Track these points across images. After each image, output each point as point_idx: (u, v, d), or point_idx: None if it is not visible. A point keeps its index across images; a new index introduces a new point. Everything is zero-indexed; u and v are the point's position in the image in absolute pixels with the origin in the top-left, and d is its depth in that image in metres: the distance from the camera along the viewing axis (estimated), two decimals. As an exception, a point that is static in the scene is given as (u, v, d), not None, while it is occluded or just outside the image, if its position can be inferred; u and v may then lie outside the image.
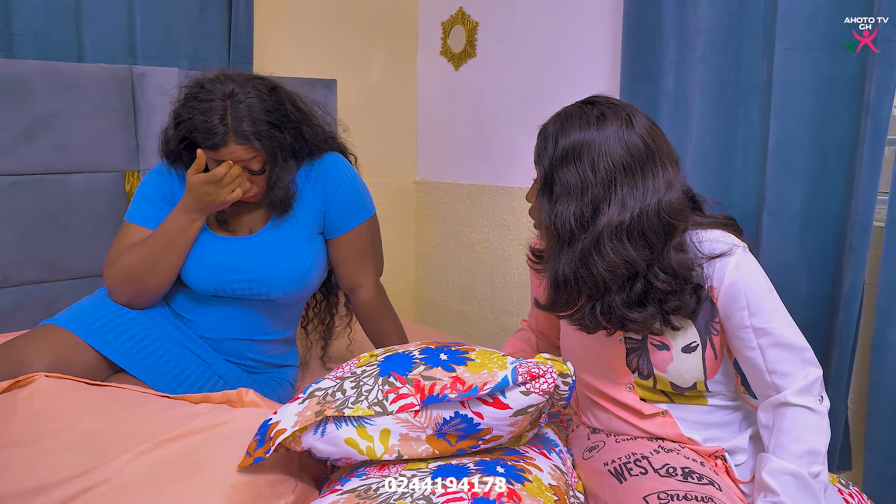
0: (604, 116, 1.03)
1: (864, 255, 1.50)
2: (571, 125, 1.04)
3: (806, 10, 1.56)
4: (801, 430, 1.02)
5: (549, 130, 1.06)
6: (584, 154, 1.02)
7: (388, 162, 2.84)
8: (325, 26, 2.54)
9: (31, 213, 1.79)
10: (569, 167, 1.02)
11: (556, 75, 2.30)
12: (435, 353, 0.99)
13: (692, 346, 1.09)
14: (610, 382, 1.16)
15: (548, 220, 1.04)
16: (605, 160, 1.01)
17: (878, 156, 1.46)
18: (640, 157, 1.02)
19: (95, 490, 0.94)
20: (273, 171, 1.36)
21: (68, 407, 1.11)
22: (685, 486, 0.97)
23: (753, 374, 1.08)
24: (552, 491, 0.92)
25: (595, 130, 1.02)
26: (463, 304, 2.78)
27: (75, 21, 1.92)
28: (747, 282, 1.05)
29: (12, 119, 1.73)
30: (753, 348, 1.05)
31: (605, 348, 1.14)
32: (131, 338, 1.37)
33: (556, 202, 1.03)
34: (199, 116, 1.27)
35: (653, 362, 1.11)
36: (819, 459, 1.02)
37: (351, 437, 0.95)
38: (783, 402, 1.04)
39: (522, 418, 0.95)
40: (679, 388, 1.12)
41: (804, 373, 1.04)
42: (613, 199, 1.01)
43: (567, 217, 1.02)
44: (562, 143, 1.03)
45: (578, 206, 1.01)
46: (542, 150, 1.06)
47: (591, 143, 1.01)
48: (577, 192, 1.02)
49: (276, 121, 1.32)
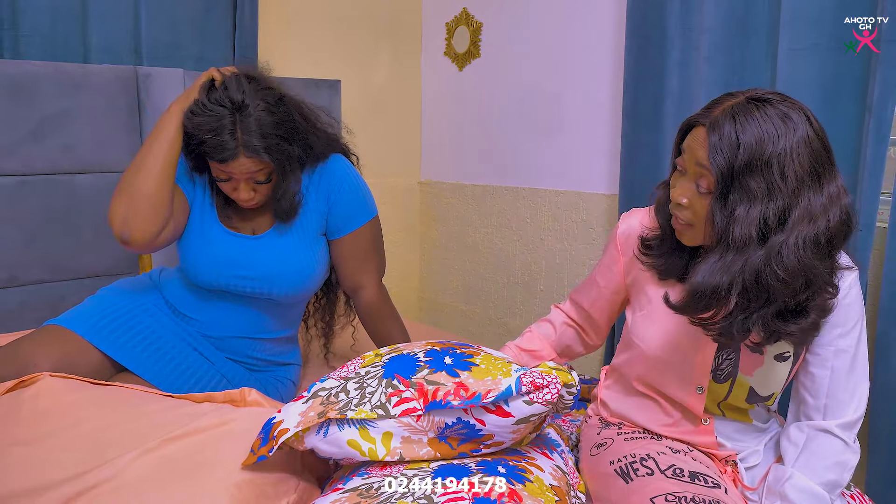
0: (788, 118, 0.94)
1: (868, 255, 1.50)
2: (753, 125, 0.94)
3: (810, 11, 1.56)
4: (832, 460, 1.04)
5: (724, 129, 0.95)
6: (774, 159, 0.93)
7: (393, 162, 2.84)
8: (329, 27, 2.54)
9: (38, 213, 1.80)
10: (754, 172, 0.93)
11: (560, 76, 2.30)
12: (440, 357, 0.99)
13: (785, 356, 1.08)
14: (681, 381, 1.12)
15: (722, 224, 0.95)
16: (794, 166, 0.93)
17: (881, 157, 1.46)
18: (823, 161, 0.95)
19: (99, 488, 0.95)
20: (281, 184, 1.37)
21: (72, 406, 1.12)
22: (692, 488, 0.97)
23: (810, 392, 1.07)
24: (553, 491, 0.93)
25: (783, 133, 0.93)
26: (467, 304, 2.78)
27: (81, 22, 1.94)
28: (854, 303, 1.05)
29: (19, 119, 1.74)
30: (827, 368, 1.05)
31: (695, 343, 1.09)
32: (134, 336, 1.38)
33: (734, 207, 0.94)
34: (209, 133, 1.27)
35: (741, 364, 1.09)
36: (837, 492, 1.05)
37: (353, 438, 0.95)
38: (826, 429, 1.05)
39: (525, 426, 0.95)
40: (755, 397, 1.11)
41: (854, 406, 1.05)
42: (801, 207, 0.93)
43: (749, 224, 0.93)
44: (746, 145, 0.93)
45: (762, 213, 0.93)
46: (718, 150, 0.95)
47: (781, 148, 0.93)
48: (762, 199, 0.93)
49: (284, 133, 1.32)
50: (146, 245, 1.32)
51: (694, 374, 1.11)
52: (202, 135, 1.28)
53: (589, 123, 2.22)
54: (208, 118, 1.27)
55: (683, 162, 1.03)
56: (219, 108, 1.27)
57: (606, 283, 1.26)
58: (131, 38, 2.01)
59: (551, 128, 2.35)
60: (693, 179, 1.01)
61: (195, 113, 1.29)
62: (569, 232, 2.32)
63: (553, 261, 2.39)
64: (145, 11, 2.01)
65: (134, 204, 1.30)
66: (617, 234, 1.22)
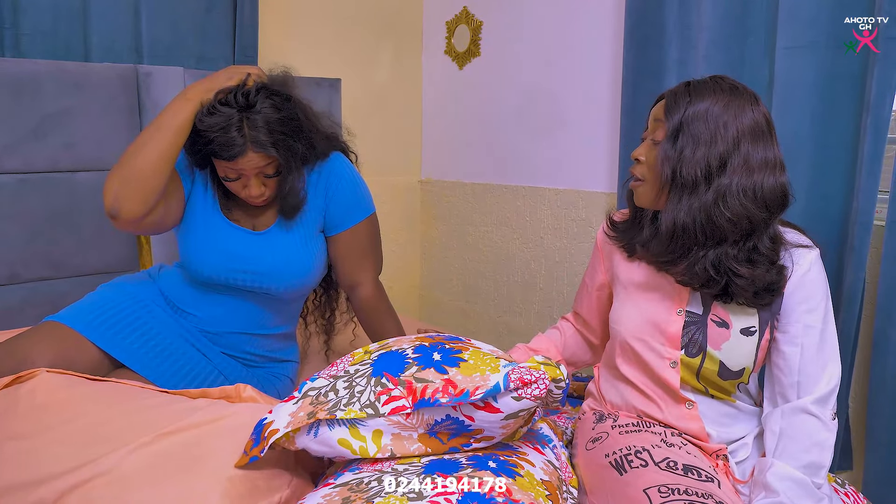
0: (736, 89, 1.10)
1: (865, 253, 1.50)
2: (705, 89, 1.10)
3: (808, 10, 1.56)
4: (809, 442, 1.06)
5: (680, 91, 1.11)
6: (718, 112, 1.07)
7: (393, 161, 2.85)
8: (329, 26, 2.55)
9: (39, 211, 1.81)
10: (700, 121, 1.08)
11: (560, 74, 2.30)
12: (428, 353, 0.99)
13: (751, 330, 1.13)
14: (656, 356, 1.17)
15: (672, 166, 1.09)
16: (736, 122, 1.07)
17: (879, 155, 1.45)
18: (762, 130, 1.09)
19: (95, 482, 0.96)
20: (287, 180, 1.38)
21: (69, 401, 1.12)
22: (685, 480, 0.98)
23: (783, 371, 1.12)
24: (544, 486, 0.93)
25: (728, 97, 1.08)
26: (467, 302, 2.78)
27: (82, 21, 1.95)
28: (817, 280, 1.12)
29: (21, 117, 1.75)
30: (797, 345, 1.10)
31: (665, 317, 1.17)
32: (132, 333, 1.39)
33: (682, 150, 1.08)
34: (218, 132, 1.28)
35: (709, 338, 1.14)
36: (822, 473, 1.06)
37: (344, 437, 0.95)
38: (801, 408, 1.08)
39: (514, 421, 0.95)
40: (727, 372, 1.14)
41: (826, 380, 1.09)
42: (739, 158, 1.07)
43: (694, 164, 1.07)
44: (696, 101, 1.09)
45: (705, 156, 1.07)
46: (673, 105, 1.10)
47: (725, 106, 1.08)
48: (706, 144, 1.07)
49: (290, 130, 1.34)
50: (132, 223, 1.32)
51: (666, 349, 1.16)
52: (210, 134, 1.29)
53: (588, 122, 2.22)
54: (218, 118, 1.29)
55: (647, 126, 1.17)
56: (227, 109, 1.29)
57: (591, 280, 1.36)
58: (132, 36, 2.03)
59: (551, 126, 2.36)
60: (650, 136, 1.15)
61: (209, 113, 1.30)
62: (568, 230, 2.33)
63: (552, 259, 2.39)
64: (146, 10, 2.02)
65: (128, 182, 1.29)
66: (598, 234, 1.33)
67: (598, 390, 1.31)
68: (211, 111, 1.29)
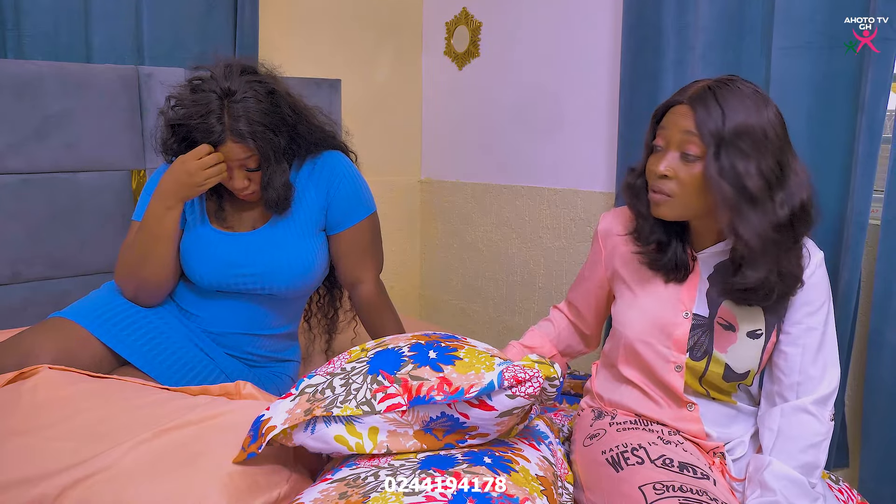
0: (758, 93, 1.05)
1: (861, 252, 1.51)
2: (731, 95, 1.03)
3: (804, 10, 1.57)
4: (807, 442, 1.07)
5: (707, 99, 1.03)
6: (755, 123, 1.02)
7: (393, 161, 2.86)
8: (329, 26, 2.56)
9: (41, 211, 1.83)
10: (742, 134, 1.01)
11: (559, 74, 2.31)
12: (424, 351, 1.00)
13: (757, 333, 1.13)
14: (661, 359, 1.16)
15: (731, 180, 1.01)
16: (773, 131, 1.03)
17: (874, 154, 1.46)
18: (786, 134, 1.06)
19: (95, 477, 0.96)
20: (265, 173, 1.38)
21: (70, 398, 1.14)
22: (681, 478, 0.99)
23: (783, 371, 1.12)
24: (539, 481, 0.94)
25: (760, 104, 1.03)
26: (467, 302, 2.79)
27: (84, 22, 1.96)
28: (820, 284, 1.12)
29: (23, 118, 1.77)
30: (798, 346, 1.11)
31: (671, 320, 1.15)
32: (137, 331, 1.40)
33: (733, 164, 1.01)
34: (197, 117, 1.30)
35: (715, 341, 1.13)
36: (817, 473, 1.07)
37: (340, 434, 0.96)
38: (801, 408, 1.09)
39: (508, 419, 0.96)
40: (731, 374, 1.14)
41: (827, 382, 1.10)
42: (790, 168, 1.04)
43: (756, 176, 1.01)
44: (730, 111, 1.02)
45: (759, 166, 1.01)
46: (707, 118, 1.02)
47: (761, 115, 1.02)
48: (755, 156, 1.01)
49: (271, 123, 1.34)
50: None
51: (672, 353, 1.15)
52: (190, 122, 1.30)
53: (587, 122, 2.23)
54: (196, 107, 1.30)
55: (665, 135, 1.08)
56: (207, 95, 1.30)
57: (590, 276, 1.34)
58: (133, 37, 2.04)
59: (550, 126, 2.37)
60: (678, 150, 1.06)
61: (180, 105, 1.31)
62: (567, 229, 2.34)
63: (551, 258, 2.40)
64: (147, 11, 2.03)
65: (144, 290, 1.43)
66: (598, 230, 1.30)
67: (595, 391, 1.30)
68: (188, 101, 1.31)
